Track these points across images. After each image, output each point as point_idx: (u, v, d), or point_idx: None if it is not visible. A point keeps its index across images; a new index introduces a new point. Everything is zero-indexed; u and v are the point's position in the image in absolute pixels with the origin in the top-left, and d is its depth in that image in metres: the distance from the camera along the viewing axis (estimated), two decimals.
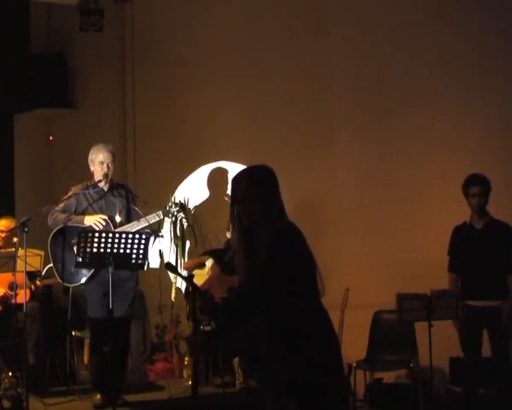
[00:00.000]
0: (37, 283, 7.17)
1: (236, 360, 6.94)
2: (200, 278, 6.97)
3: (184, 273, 7.27)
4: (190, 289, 4.76)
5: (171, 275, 7.64)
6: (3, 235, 7.18)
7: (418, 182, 7.58)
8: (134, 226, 6.04)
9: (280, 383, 3.66)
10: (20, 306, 6.19)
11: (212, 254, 7.26)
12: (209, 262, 7.17)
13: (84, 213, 6.20)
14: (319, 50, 8.06)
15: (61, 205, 6.24)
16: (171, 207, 6.18)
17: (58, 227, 6.16)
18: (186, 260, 8.01)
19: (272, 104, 8.26)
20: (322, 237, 7.71)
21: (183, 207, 6.33)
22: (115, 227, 6.09)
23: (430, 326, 6.01)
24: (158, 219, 6.10)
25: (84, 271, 6.08)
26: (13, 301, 6.46)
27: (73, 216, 6.15)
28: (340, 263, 7.47)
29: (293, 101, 8.17)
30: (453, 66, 7.46)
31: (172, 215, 6.33)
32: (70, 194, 6.26)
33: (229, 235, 7.33)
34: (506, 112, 7.29)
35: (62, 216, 6.14)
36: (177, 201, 6.29)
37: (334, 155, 7.97)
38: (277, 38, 8.24)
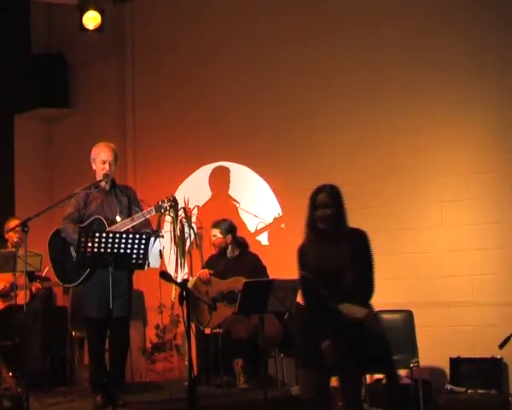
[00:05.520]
0: (37, 285, 7.16)
1: (237, 360, 6.92)
2: None
3: (179, 280, 7.29)
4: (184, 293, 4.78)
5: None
6: (16, 235, 7.21)
7: (418, 182, 7.57)
8: (128, 223, 6.01)
9: None
10: (21, 306, 6.18)
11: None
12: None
13: (84, 211, 6.18)
14: (319, 50, 8.06)
15: (69, 211, 6.20)
16: (163, 202, 6.13)
17: (57, 228, 6.16)
18: (186, 260, 7.98)
19: (272, 104, 8.27)
20: None
21: (175, 201, 6.26)
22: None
23: None
24: (149, 215, 6.06)
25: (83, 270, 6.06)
26: (13, 301, 6.46)
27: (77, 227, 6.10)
28: None
29: (293, 101, 8.17)
30: (453, 66, 7.46)
31: (165, 210, 6.27)
32: (72, 196, 6.20)
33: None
34: (506, 112, 7.29)
35: (71, 229, 6.12)
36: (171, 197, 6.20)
37: (334, 155, 7.97)
38: (277, 37, 8.24)
